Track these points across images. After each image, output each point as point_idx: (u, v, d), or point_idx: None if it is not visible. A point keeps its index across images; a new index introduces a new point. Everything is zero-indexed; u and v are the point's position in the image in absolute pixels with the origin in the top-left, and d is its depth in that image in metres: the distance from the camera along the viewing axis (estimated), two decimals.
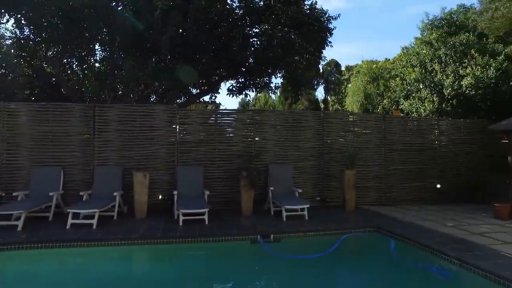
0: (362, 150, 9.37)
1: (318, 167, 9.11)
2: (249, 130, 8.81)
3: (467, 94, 11.05)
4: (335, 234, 6.19)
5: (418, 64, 13.23)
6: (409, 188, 9.82)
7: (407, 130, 10.00)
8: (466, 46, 12.00)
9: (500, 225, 6.87)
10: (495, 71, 10.84)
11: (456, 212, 8.34)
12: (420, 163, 9.94)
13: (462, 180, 10.21)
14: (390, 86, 14.74)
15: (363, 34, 56.86)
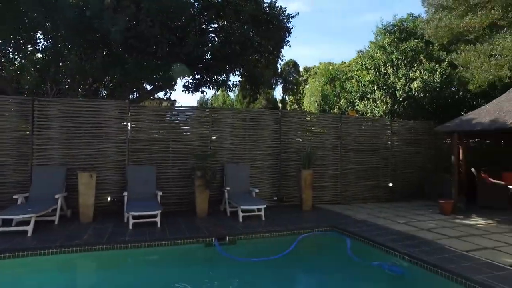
0: (319, 150, 9.52)
1: (276, 167, 9.11)
2: (205, 128, 8.57)
3: (417, 97, 11.72)
4: (292, 234, 6.17)
5: (373, 67, 13.80)
6: (364, 187, 10.16)
7: (362, 130, 10.33)
8: (416, 51, 12.72)
9: (444, 220, 7.31)
10: (440, 76, 11.59)
11: (407, 209, 8.76)
12: (374, 163, 10.33)
13: (412, 179, 10.78)
14: (346, 88, 15.24)
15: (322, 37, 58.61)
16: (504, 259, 4.65)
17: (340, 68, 20.22)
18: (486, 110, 7.98)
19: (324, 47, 56.65)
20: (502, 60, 9.70)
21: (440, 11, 12.77)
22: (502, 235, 6.09)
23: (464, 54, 10.78)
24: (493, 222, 7.24)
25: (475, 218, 7.57)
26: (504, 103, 7.78)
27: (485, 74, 9.85)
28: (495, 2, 10.39)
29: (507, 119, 7.01)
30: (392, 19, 15.94)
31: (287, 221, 7.01)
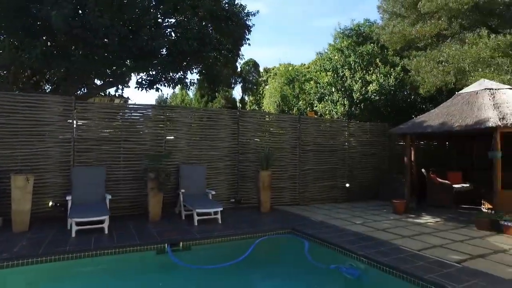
0: (277, 151, 9.49)
1: (233, 168, 8.93)
2: (160, 127, 8.16)
3: (372, 99, 12.16)
4: (250, 238, 6.02)
5: (331, 69, 14.13)
6: (322, 187, 10.31)
7: (321, 131, 10.48)
8: (371, 55, 13.22)
9: (398, 220, 7.57)
10: (394, 80, 12.13)
11: (363, 209, 8.99)
12: (331, 163, 10.51)
13: (367, 179, 11.14)
14: (305, 89, 15.47)
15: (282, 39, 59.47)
16: (451, 256, 4.86)
17: (299, 69, 20.56)
18: (435, 113, 8.41)
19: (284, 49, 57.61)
20: (448, 66, 10.35)
21: (394, 18, 13.42)
22: (448, 232, 6.41)
23: (416, 59, 11.37)
24: (441, 220, 7.63)
25: (425, 217, 7.94)
26: (450, 108, 8.25)
27: (434, 79, 10.45)
28: (442, 13, 11.09)
29: (453, 122, 7.42)
30: (350, 24, 16.50)
31: (245, 224, 6.86)
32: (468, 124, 7.04)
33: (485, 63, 9.40)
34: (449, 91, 11.38)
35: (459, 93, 8.80)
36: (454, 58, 9.94)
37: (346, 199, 10.64)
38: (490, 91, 8.06)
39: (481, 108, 7.40)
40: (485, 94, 7.95)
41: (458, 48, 9.89)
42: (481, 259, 4.78)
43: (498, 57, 9.26)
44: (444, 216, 7.96)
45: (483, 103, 7.60)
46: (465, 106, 7.89)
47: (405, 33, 11.84)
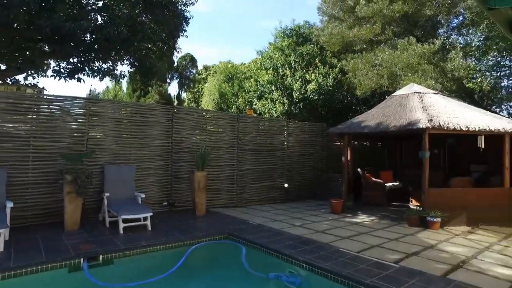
0: (215, 150, 9.05)
1: (166, 168, 8.28)
2: (80, 123, 7.19)
3: (312, 99, 12.32)
4: (183, 246, 5.50)
5: (271, 68, 14.06)
6: (260, 188, 10.10)
7: (260, 130, 10.27)
8: (311, 56, 13.42)
9: (336, 220, 7.62)
10: (333, 81, 12.44)
11: (302, 210, 8.95)
12: (270, 163, 10.36)
13: (305, 179, 11.22)
14: (244, 87, 15.22)
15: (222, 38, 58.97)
16: (389, 256, 4.89)
17: (239, 68, 20.29)
18: (372, 114, 8.69)
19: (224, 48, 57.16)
20: (382, 70, 10.86)
21: (332, 21, 13.82)
22: (384, 231, 6.57)
23: (353, 61, 11.76)
24: (376, 218, 7.86)
25: (361, 216, 8.12)
26: (385, 109, 8.58)
27: (369, 81, 10.90)
28: (377, 19, 11.64)
29: (388, 123, 7.69)
30: (291, 24, 16.65)
31: (178, 230, 6.29)
32: (402, 124, 7.33)
33: (413, 69, 10.03)
34: (380, 94, 12.02)
35: (393, 96, 9.21)
36: (387, 62, 10.46)
37: (285, 200, 10.59)
38: (419, 94, 8.55)
39: (412, 110, 7.78)
40: (415, 97, 8.40)
41: (391, 53, 10.42)
42: (415, 257, 4.88)
43: (424, 64, 9.93)
44: (379, 214, 8.23)
45: (414, 105, 8.00)
46: (398, 108, 8.24)
47: (343, 35, 12.22)
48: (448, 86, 9.67)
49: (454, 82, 9.81)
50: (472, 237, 6.24)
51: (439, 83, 9.53)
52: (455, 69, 9.53)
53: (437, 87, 9.42)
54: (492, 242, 5.93)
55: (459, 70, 9.52)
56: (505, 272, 4.39)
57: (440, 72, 9.77)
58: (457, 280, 4.02)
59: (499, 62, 13.97)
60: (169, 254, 5.28)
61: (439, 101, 8.22)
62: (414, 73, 10.00)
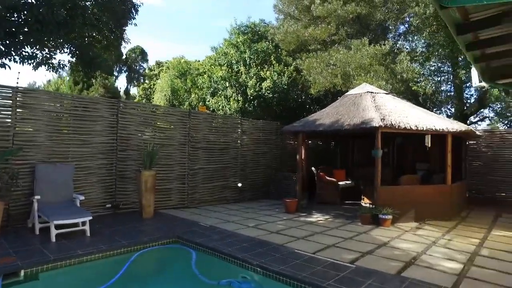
0: (164, 148, 8.52)
1: (111, 167, 7.60)
2: (5, 115, 6.31)
3: (266, 97, 12.16)
4: (125, 253, 4.99)
5: (226, 64, 13.70)
6: (213, 188, 9.72)
7: (213, 128, 9.89)
8: (266, 53, 13.27)
9: (290, 219, 7.48)
10: (287, 79, 12.38)
11: (255, 210, 8.73)
12: (223, 162, 10.03)
13: (259, 178, 11.04)
14: (197, 83, 14.67)
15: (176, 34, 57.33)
16: (345, 255, 4.81)
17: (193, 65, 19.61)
18: (326, 112, 8.70)
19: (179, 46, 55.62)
20: (336, 69, 11.00)
21: (288, 20, 13.80)
22: (338, 230, 6.54)
23: (308, 60, 11.79)
24: (330, 217, 7.86)
25: (315, 215, 8.08)
26: (339, 108, 8.64)
27: (323, 80, 10.98)
28: (332, 19, 11.79)
29: (343, 121, 7.72)
30: (246, 20, 16.40)
31: (121, 234, 5.72)
32: (356, 123, 7.38)
33: (366, 69, 10.27)
34: (334, 94, 12.21)
35: (346, 95, 9.33)
36: (341, 62, 10.61)
37: (238, 200, 10.32)
38: (371, 94, 8.72)
39: (365, 109, 7.88)
40: (368, 97, 8.55)
41: (345, 52, 10.58)
42: (370, 256, 4.84)
43: (375, 65, 10.21)
44: (333, 213, 8.25)
45: (367, 104, 8.13)
46: (352, 107, 8.33)
47: (298, 34, 12.22)
48: (397, 87, 10.05)
49: (403, 84, 10.22)
50: (420, 233, 6.41)
51: (390, 84, 9.86)
52: (404, 71, 9.92)
53: (388, 87, 9.74)
54: (437, 236, 6.13)
55: (407, 72, 9.93)
56: (452, 266, 4.50)
57: (390, 74, 10.12)
58: (411, 277, 4.01)
59: (440, 68, 14.93)
60: (110, 263, 4.74)
61: (390, 101, 8.44)
62: (366, 73, 10.25)
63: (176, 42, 57.48)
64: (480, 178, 10.64)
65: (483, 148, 10.82)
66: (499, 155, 10.53)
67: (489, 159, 10.66)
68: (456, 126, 7.65)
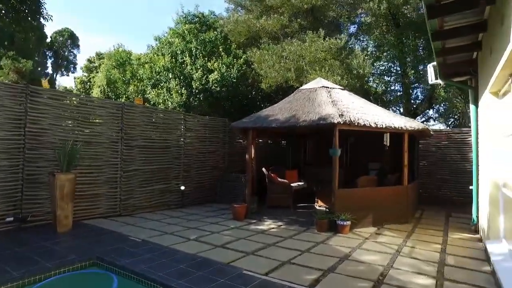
0: (91, 146, 7.17)
1: (16, 170, 6.09)
2: None
3: (213, 90, 11.10)
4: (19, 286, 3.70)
5: (170, 54, 12.41)
6: (151, 192, 8.51)
7: (151, 124, 8.67)
8: (215, 44, 12.22)
9: (239, 228, 6.60)
10: (237, 72, 11.45)
11: (200, 217, 7.74)
12: (164, 163, 8.87)
13: (206, 180, 10.02)
14: (138, 74, 13.11)
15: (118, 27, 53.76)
16: (304, 275, 4.03)
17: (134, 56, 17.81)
18: (279, 108, 7.94)
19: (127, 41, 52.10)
20: (289, 63, 10.31)
21: (239, 9, 12.90)
22: (293, 239, 5.79)
23: (259, 52, 10.96)
24: (283, 223, 7.10)
25: (267, 221, 7.28)
26: (293, 103, 7.92)
27: (275, 74, 10.23)
28: (285, 9, 11.09)
29: (297, 117, 6.98)
30: (194, 9, 15.18)
31: (17, 260, 4.39)
32: (313, 119, 6.68)
33: (320, 64, 9.70)
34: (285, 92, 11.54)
35: (300, 89, 8.65)
36: (294, 54, 9.94)
37: (181, 205, 9.21)
38: (326, 89, 8.13)
39: (321, 105, 7.23)
40: (323, 92, 7.94)
41: (299, 44, 9.91)
42: (333, 275, 4.12)
43: (330, 59, 9.68)
44: (286, 219, 7.49)
45: (323, 100, 7.49)
46: (306, 102, 7.64)
47: (249, 24, 11.37)
48: (353, 84, 9.61)
49: (359, 80, 9.81)
50: (381, 240, 5.87)
51: (346, 79, 9.38)
52: (360, 67, 9.51)
53: (343, 83, 9.25)
54: (399, 244, 5.62)
55: (363, 68, 9.53)
56: (424, 283, 3.92)
57: (346, 69, 9.65)
58: None
59: (390, 68, 15.07)
60: None
61: (346, 97, 7.91)
62: (321, 67, 9.68)
63: (124, 38, 53.96)
64: (428, 178, 10.63)
65: (432, 147, 10.84)
66: (447, 154, 10.60)
67: (437, 159, 10.70)
68: (414, 124, 7.30)
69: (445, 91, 11.52)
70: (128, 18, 53.00)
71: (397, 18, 12.89)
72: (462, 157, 10.34)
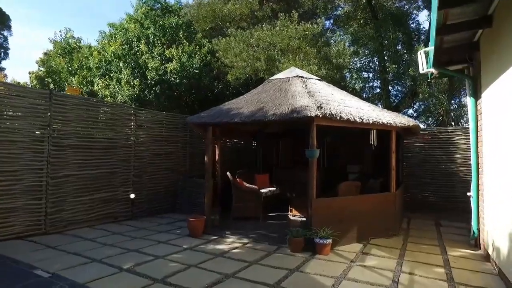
0: (2, 146, 5.56)
1: None
2: None
3: (172, 82, 9.59)
4: None
5: (125, 41, 10.81)
6: (91, 202, 6.99)
7: (91, 119, 7.12)
8: (175, 31, 10.74)
9: (193, 249, 5.28)
10: (200, 62, 10.03)
11: (149, 232, 6.38)
12: (108, 166, 7.35)
13: (162, 186, 8.58)
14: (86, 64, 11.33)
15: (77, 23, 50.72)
16: None
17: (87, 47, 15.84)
18: (245, 100, 6.66)
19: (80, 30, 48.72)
20: (259, 51, 9.05)
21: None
22: (260, 265, 4.57)
23: (225, 40, 9.62)
24: (249, 241, 5.82)
25: (230, 238, 5.97)
26: (261, 94, 6.67)
27: (243, 64, 8.92)
28: None
29: (266, 110, 5.73)
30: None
31: None
32: (284, 112, 5.43)
33: (294, 52, 8.50)
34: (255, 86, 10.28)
35: (271, 79, 7.42)
36: (265, 41, 8.68)
37: (132, 216, 7.75)
38: (301, 79, 6.95)
39: (295, 96, 6.00)
40: (298, 82, 6.75)
41: (269, 29, 8.66)
42: None
43: (305, 47, 8.50)
44: (253, 234, 6.20)
45: (297, 90, 6.28)
46: (277, 93, 6.40)
47: (215, 8, 10.00)
48: (332, 75, 8.47)
49: (338, 71, 8.69)
50: (370, 263, 4.71)
51: (323, 69, 8.22)
52: (340, 55, 8.37)
53: (321, 74, 8.08)
54: (393, 268, 4.49)
55: (343, 57, 8.40)
56: None
57: (323, 59, 8.49)
58: None
59: (369, 63, 14.19)
60: None
61: (325, 89, 6.75)
62: (295, 56, 8.46)
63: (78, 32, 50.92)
64: (411, 180, 9.68)
65: (415, 148, 9.92)
66: (431, 155, 9.70)
67: (420, 160, 9.80)
68: (404, 120, 6.24)
69: (429, 86, 10.65)
70: (91, 13, 49.98)
71: (376, 9, 12.00)
72: (447, 158, 9.48)
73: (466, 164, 9.15)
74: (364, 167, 9.63)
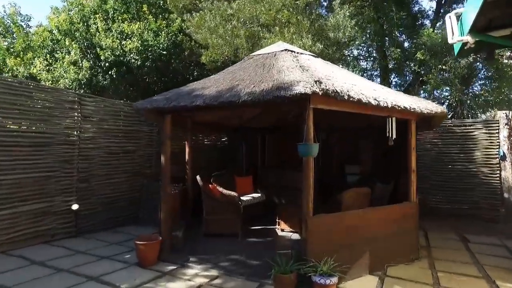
0: None
1: None
2: None
3: (132, 64, 7.78)
4: None
5: (80, 20, 8.99)
6: (12, 218, 5.21)
7: (13, 108, 5.34)
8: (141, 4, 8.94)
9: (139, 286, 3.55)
10: (168, 40, 8.23)
11: (87, 257, 4.75)
12: (41, 169, 5.61)
13: (119, 193, 6.89)
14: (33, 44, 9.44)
15: None
16: None
17: None
18: (215, 79, 5.00)
19: None
20: (239, 26, 7.36)
21: None
22: None
23: (199, 13, 7.89)
24: (220, 273, 4.18)
25: (193, 269, 4.31)
26: (238, 72, 5.02)
27: (220, 41, 7.21)
28: None
29: (241, 88, 4.05)
30: None
31: None
32: (265, 89, 3.78)
33: (282, 25, 6.83)
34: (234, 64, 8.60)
35: (251, 55, 5.78)
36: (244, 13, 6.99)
37: (76, 232, 6.03)
38: (292, 53, 5.31)
39: (282, 71, 4.37)
40: (287, 56, 5.12)
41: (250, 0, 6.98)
42: None
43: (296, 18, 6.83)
44: (226, 261, 4.57)
45: (285, 65, 4.65)
46: (259, 69, 4.77)
47: None
48: (330, 53, 6.81)
49: (338, 48, 7.04)
50: None
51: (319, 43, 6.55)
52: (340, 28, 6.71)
53: (316, 49, 6.43)
54: None
55: (343, 30, 6.76)
56: None
57: (319, 33, 6.82)
58: None
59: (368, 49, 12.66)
60: None
61: (322, 65, 5.16)
62: (283, 29, 6.79)
63: None
64: (422, 183, 8.12)
65: (427, 144, 8.37)
66: (445, 153, 8.18)
67: (433, 159, 8.26)
68: (430, 106, 4.60)
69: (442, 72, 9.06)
70: None
71: None
72: (465, 156, 7.96)
73: (489, 164, 7.69)
74: (364, 167, 8.10)
